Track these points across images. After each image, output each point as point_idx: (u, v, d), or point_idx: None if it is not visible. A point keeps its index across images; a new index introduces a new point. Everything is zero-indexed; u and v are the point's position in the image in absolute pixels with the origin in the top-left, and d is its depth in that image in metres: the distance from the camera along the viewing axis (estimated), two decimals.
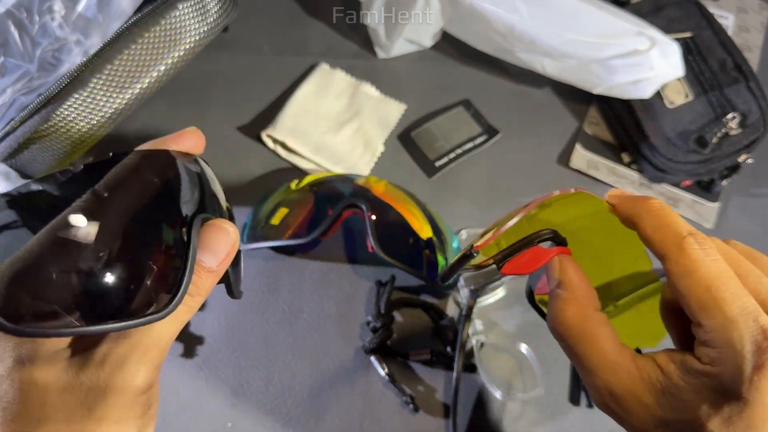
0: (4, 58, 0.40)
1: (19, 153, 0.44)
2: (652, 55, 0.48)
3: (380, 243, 0.43)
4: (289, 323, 0.47)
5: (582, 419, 0.45)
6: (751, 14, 0.63)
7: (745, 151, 0.51)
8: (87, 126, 0.45)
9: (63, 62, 0.42)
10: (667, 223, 0.25)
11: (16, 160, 0.44)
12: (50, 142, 0.44)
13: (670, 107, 0.52)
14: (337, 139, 0.53)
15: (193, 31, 0.47)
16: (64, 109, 0.43)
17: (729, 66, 0.53)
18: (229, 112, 0.55)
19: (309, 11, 0.61)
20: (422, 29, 0.56)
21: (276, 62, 0.58)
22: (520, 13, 0.49)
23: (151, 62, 0.46)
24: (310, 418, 0.44)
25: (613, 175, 0.54)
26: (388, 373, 0.44)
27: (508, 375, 0.46)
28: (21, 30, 0.40)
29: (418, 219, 0.47)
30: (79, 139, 0.45)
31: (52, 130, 0.43)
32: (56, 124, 0.43)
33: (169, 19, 0.46)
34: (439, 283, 0.44)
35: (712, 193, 0.53)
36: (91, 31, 0.42)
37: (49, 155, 0.45)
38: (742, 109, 0.51)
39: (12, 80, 0.40)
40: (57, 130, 0.44)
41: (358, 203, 0.45)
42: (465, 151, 0.54)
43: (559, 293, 0.27)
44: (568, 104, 0.58)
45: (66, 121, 0.44)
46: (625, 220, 0.28)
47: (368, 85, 0.56)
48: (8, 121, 0.42)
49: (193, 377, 0.45)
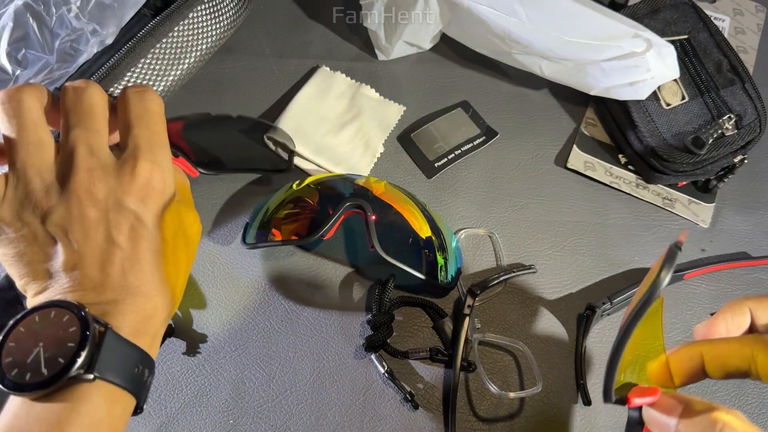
0: (25, 50, 0.41)
1: None
2: (649, 57, 0.49)
3: (380, 242, 0.44)
4: (290, 321, 0.47)
5: (580, 416, 0.45)
6: (747, 16, 0.64)
7: (740, 151, 0.51)
8: None
9: (81, 52, 0.42)
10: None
11: None
12: None
13: (667, 108, 0.53)
14: (337, 140, 0.54)
15: (215, 25, 0.48)
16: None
17: (725, 68, 0.54)
18: (233, 113, 0.55)
19: (310, 15, 0.62)
20: (421, 32, 0.56)
21: (278, 65, 0.58)
22: (518, 15, 0.50)
23: (181, 56, 0.47)
24: (310, 415, 0.44)
25: (609, 175, 0.54)
26: (388, 371, 0.45)
27: (506, 373, 0.46)
28: (40, 22, 0.41)
29: (417, 219, 0.48)
30: None
31: None
32: None
33: (193, 15, 0.47)
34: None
35: (708, 194, 0.54)
36: (107, 20, 0.43)
37: None
38: (738, 111, 0.52)
39: (34, 72, 0.41)
40: None
41: (359, 203, 0.45)
42: (464, 152, 0.55)
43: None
44: (566, 106, 0.58)
45: None
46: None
47: (368, 87, 0.57)
48: None
49: (195, 375, 0.45)
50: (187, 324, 0.47)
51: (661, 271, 0.25)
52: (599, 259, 0.51)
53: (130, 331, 0.31)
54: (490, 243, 0.51)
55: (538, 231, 0.52)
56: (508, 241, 0.51)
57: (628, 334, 0.27)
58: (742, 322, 0.31)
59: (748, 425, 0.26)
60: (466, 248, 0.51)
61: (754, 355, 0.27)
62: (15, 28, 0.41)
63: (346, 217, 0.47)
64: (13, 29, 0.41)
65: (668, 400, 0.28)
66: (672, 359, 0.30)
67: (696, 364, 0.29)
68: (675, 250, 0.26)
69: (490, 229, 0.52)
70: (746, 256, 0.52)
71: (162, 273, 0.34)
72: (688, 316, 0.49)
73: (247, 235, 0.49)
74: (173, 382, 0.45)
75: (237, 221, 0.51)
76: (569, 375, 0.47)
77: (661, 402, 0.28)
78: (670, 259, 0.25)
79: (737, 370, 0.28)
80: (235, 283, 0.49)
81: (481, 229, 0.52)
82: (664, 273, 0.25)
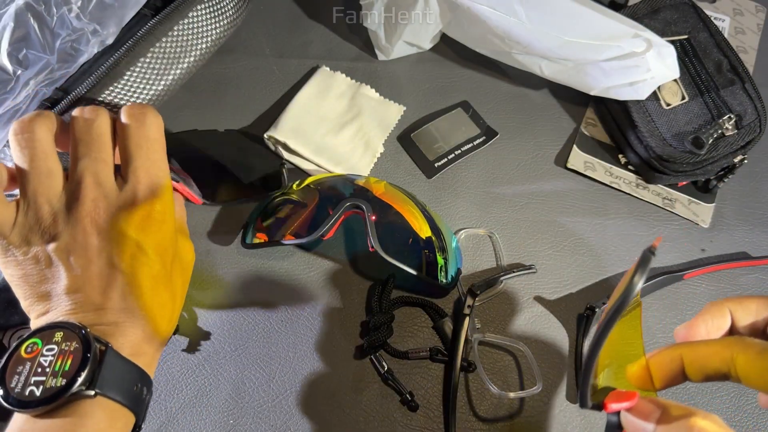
0: (26, 50, 0.41)
1: None
2: (649, 57, 0.48)
3: (380, 243, 0.44)
4: (290, 321, 0.47)
5: (579, 417, 0.45)
6: (747, 16, 0.64)
7: (740, 151, 0.51)
8: None
9: (81, 52, 0.42)
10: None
11: None
12: None
13: (667, 108, 0.53)
14: (337, 140, 0.54)
15: (214, 24, 0.48)
16: (99, 102, 0.44)
17: (725, 68, 0.54)
18: (233, 113, 0.56)
19: (310, 15, 0.62)
20: (421, 31, 0.56)
21: (278, 65, 0.58)
22: (518, 15, 0.50)
23: (181, 54, 0.47)
24: (310, 415, 0.44)
25: (609, 175, 0.54)
26: (388, 371, 0.45)
27: (506, 373, 0.46)
28: (40, 22, 0.41)
29: (417, 219, 0.48)
30: None
31: None
32: None
33: (193, 14, 0.47)
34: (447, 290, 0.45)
35: (708, 194, 0.54)
36: (108, 20, 0.43)
37: None
38: (738, 111, 0.52)
39: (34, 72, 0.41)
40: None
41: (359, 204, 0.45)
42: (464, 152, 0.55)
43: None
44: (566, 106, 0.58)
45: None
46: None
47: (368, 87, 0.57)
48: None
49: (195, 375, 0.45)
50: (187, 324, 0.47)
51: (635, 276, 0.25)
52: (599, 259, 0.51)
53: (129, 351, 0.33)
54: (490, 243, 0.51)
55: (538, 231, 0.52)
56: (508, 241, 0.51)
57: (602, 338, 0.26)
58: (722, 323, 0.30)
59: (725, 430, 0.25)
60: (466, 248, 0.51)
61: (734, 358, 0.27)
62: (16, 28, 0.41)
63: (346, 217, 0.47)
64: (13, 29, 0.41)
65: (645, 405, 0.28)
66: (652, 362, 0.30)
67: (676, 367, 0.29)
68: (648, 255, 0.26)
69: (490, 229, 0.52)
70: (746, 256, 0.52)
71: (160, 297, 0.36)
72: (688, 315, 0.49)
73: (246, 235, 0.49)
74: (173, 381, 0.45)
75: (237, 221, 0.51)
76: (569, 375, 0.47)
77: (639, 407, 0.28)
78: (644, 263, 0.25)
79: (717, 373, 0.28)
80: (234, 284, 0.49)
81: (481, 229, 0.52)
82: (637, 277, 0.25)
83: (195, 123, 0.55)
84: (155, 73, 0.46)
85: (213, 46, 0.49)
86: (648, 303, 0.49)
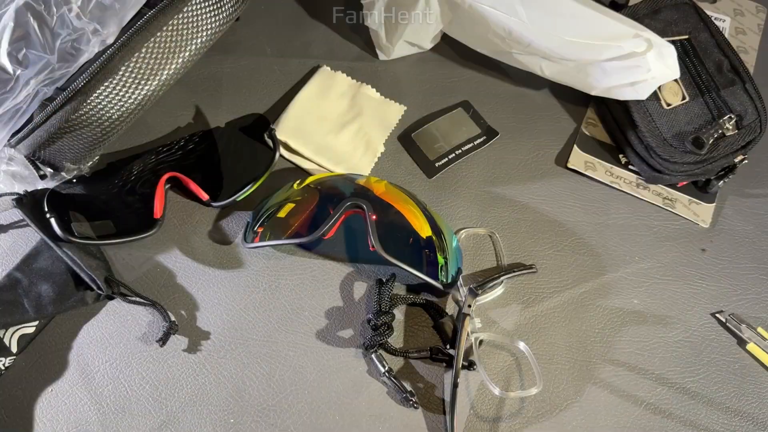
0: (26, 50, 0.41)
1: (50, 145, 0.44)
2: (649, 57, 0.48)
3: (381, 242, 0.44)
4: (291, 321, 0.47)
5: (579, 416, 0.45)
6: (748, 16, 0.64)
7: (741, 151, 0.51)
8: (117, 113, 0.45)
9: (82, 52, 0.42)
10: None
11: (45, 152, 0.45)
12: (81, 131, 0.45)
13: (667, 108, 0.53)
14: (338, 139, 0.54)
15: (211, 20, 0.48)
16: (95, 97, 0.44)
17: (725, 68, 0.54)
18: (233, 113, 0.56)
19: (311, 15, 0.62)
20: (422, 31, 0.56)
21: (279, 64, 0.58)
22: (519, 15, 0.50)
23: (176, 50, 0.47)
24: (311, 414, 0.44)
25: (610, 175, 0.54)
26: (389, 370, 0.45)
27: (506, 372, 0.46)
28: (40, 22, 0.41)
29: (418, 219, 0.48)
30: (109, 126, 0.46)
31: (83, 118, 0.44)
32: (87, 113, 0.44)
33: (188, 8, 0.46)
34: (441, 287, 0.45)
35: (709, 194, 0.54)
36: (108, 20, 0.43)
37: (79, 144, 0.45)
38: (739, 111, 0.52)
39: (35, 72, 0.41)
40: (88, 118, 0.44)
41: (360, 203, 0.45)
42: (464, 152, 0.55)
43: None
44: (566, 106, 0.58)
45: (96, 109, 0.44)
46: None
47: (369, 86, 0.57)
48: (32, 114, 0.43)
49: (196, 373, 0.45)
50: (188, 323, 0.47)
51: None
52: (599, 259, 0.51)
53: None
54: (491, 243, 0.51)
55: (539, 231, 0.52)
56: (508, 241, 0.51)
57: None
58: None
59: None
60: (466, 248, 0.51)
61: None
62: (16, 27, 0.41)
63: (347, 216, 0.47)
64: (14, 29, 0.41)
65: None
66: None
67: None
68: None
69: (491, 229, 0.52)
70: None
71: None
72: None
73: (247, 234, 0.49)
74: (174, 380, 0.45)
75: (237, 221, 0.51)
76: (569, 375, 0.47)
77: None
78: None
79: None
80: (235, 283, 0.49)
81: (482, 228, 0.52)
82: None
83: (197, 121, 0.55)
84: (150, 68, 0.46)
85: (209, 40, 0.49)
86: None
